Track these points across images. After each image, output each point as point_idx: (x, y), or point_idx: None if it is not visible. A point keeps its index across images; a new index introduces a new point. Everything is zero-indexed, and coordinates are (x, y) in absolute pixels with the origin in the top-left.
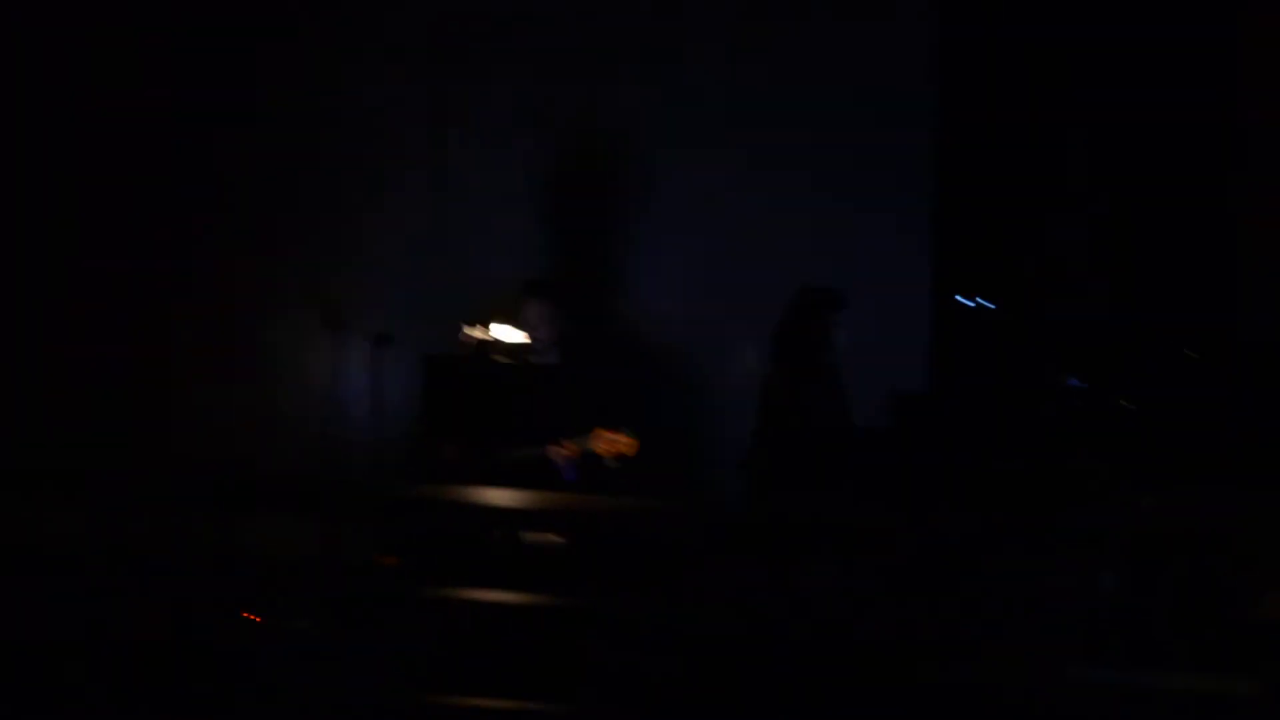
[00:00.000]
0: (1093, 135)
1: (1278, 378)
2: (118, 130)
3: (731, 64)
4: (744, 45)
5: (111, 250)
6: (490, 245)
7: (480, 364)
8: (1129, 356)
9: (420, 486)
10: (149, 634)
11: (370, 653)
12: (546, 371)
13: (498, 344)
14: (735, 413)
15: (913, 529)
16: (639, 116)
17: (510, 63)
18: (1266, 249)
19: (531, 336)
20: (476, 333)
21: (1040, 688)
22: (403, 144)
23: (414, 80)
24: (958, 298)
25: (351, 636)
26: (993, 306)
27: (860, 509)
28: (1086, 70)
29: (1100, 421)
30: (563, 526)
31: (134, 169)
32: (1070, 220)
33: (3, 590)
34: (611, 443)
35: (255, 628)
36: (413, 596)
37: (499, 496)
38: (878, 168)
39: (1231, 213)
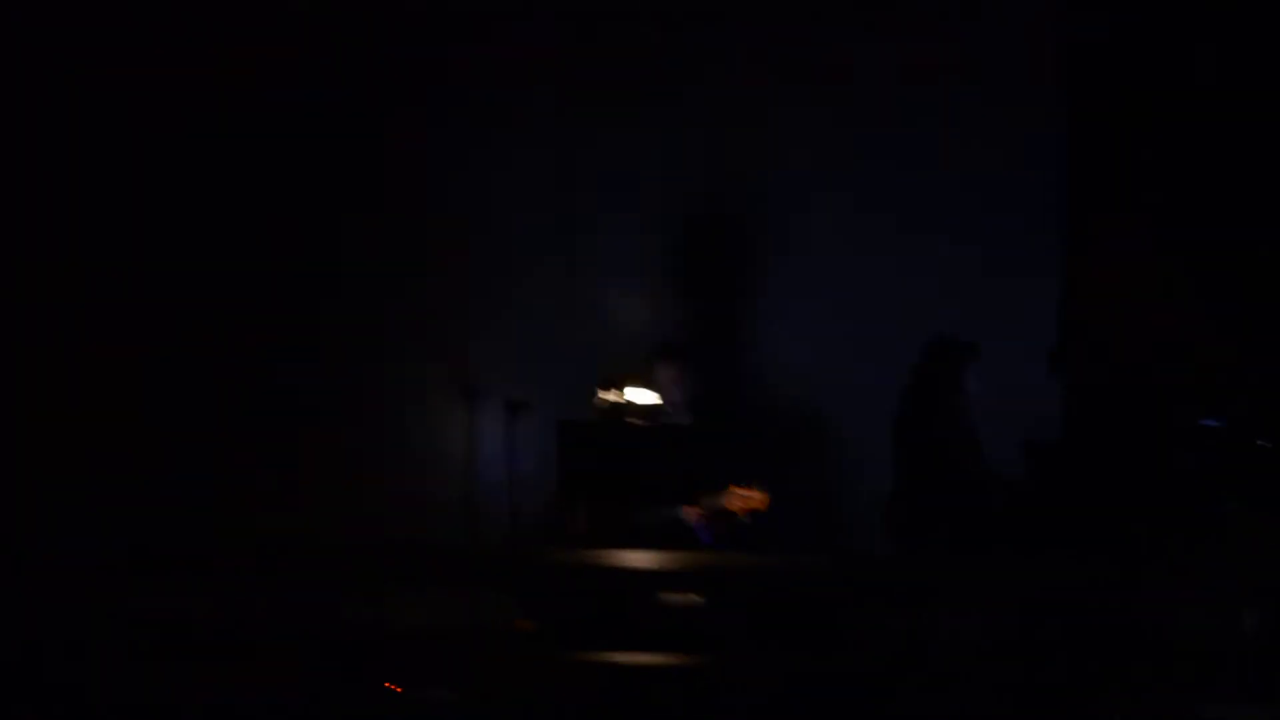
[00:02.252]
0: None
1: None
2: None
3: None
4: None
5: (248, 324)
6: (622, 309)
7: (614, 427)
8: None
9: (557, 551)
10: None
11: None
12: (680, 432)
13: (631, 407)
14: (871, 464)
15: (1054, 576)
16: (764, 176)
17: (639, 128)
18: None
19: (664, 398)
20: (610, 396)
21: None
22: (534, 211)
23: (542, 147)
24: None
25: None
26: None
27: (1002, 559)
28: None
29: (1239, 462)
30: (702, 586)
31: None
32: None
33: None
34: (745, 499)
35: (396, 698)
36: (553, 661)
37: (636, 559)
38: (1005, 213)
39: None
